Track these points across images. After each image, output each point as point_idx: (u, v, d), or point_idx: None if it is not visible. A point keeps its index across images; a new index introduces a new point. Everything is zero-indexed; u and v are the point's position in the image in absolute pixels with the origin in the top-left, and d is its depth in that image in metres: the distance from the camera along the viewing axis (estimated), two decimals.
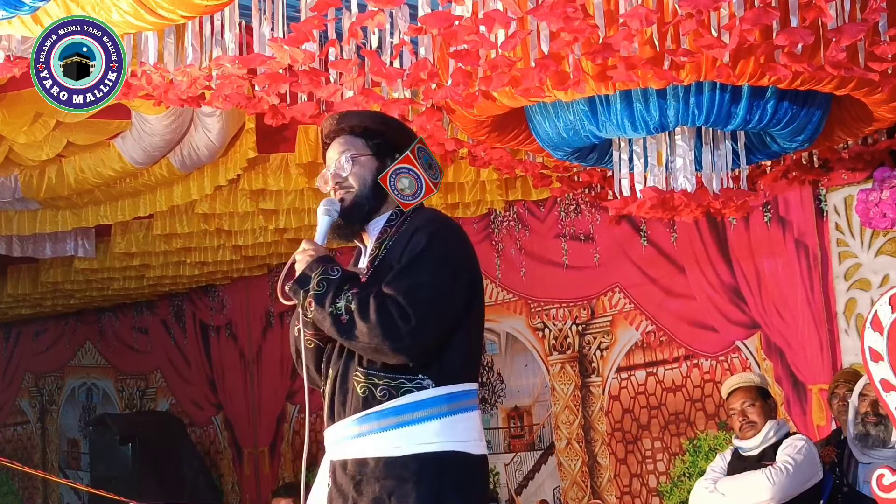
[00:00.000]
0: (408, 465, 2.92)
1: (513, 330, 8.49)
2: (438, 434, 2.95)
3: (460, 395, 3.01)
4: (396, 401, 2.95)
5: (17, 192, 7.46)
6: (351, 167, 3.17)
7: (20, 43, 4.61)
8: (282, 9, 4.57)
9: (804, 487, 5.01)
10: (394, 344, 2.89)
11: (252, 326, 10.52)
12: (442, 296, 2.97)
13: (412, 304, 2.90)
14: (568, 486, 8.15)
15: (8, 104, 6.00)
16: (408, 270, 2.97)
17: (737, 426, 5.27)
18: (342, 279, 2.99)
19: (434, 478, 2.93)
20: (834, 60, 4.37)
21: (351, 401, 3.01)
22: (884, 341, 4.07)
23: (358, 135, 3.21)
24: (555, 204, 8.17)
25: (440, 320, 2.96)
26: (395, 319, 2.88)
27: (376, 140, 3.20)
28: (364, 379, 2.98)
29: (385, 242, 3.12)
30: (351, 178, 3.18)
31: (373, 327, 2.88)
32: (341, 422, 3.03)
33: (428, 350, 2.96)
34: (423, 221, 3.10)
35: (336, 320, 2.93)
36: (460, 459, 2.98)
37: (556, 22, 4.15)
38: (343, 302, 2.93)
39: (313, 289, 2.99)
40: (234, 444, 10.76)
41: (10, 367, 12.91)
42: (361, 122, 3.22)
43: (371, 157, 3.19)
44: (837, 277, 6.81)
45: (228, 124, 6.54)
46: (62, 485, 11.66)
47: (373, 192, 3.17)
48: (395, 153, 3.20)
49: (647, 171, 5.34)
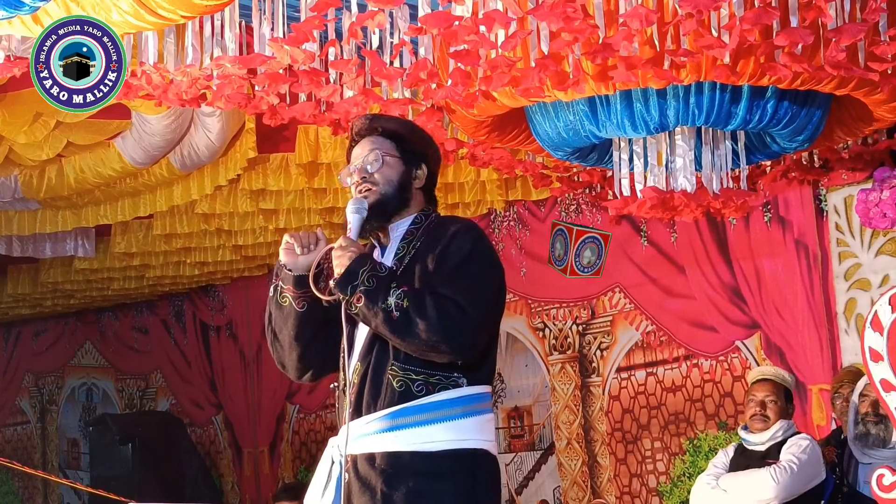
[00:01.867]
0: (443, 461, 2.97)
1: (513, 330, 8.49)
2: (470, 431, 3.02)
3: (486, 397, 3.09)
4: (433, 397, 2.99)
5: (17, 192, 7.45)
6: (379, 166, 3.19)
7: (20, 43, 4.61)
8: (282, 9, 4.57)
9: (807, 487, 5.00)
10: (453, 342, 2.94)
11: (252, 326, 10.52)
12: (494, 300, 3.05)
13: (471, 304, 2.95)
14: (568, 486, 8.15)
15: (8, 104, 6.00)
16: (460, 272, 3.01)
17: (749, 413, 5.21)
18: (391, 276, 3.01)
19: (468, 474, 2.99)
20: (834, 60, 4.37)
21: (385, 394, 3.01)
22: (884, 341, 4.08)
23: (388, 137, 3.24)
24: (555, 204, 8.17)
25: (493, 323, 3.06)
26: (455, 318, 2.92)
27: (406, 146, 3.24)
28: (401, 373, 3.00)
29: (413, 243, 3.14)
30: (377, 175, 3.19)
31: (432, 325, 2.91)
32: (371, 415, 3.02)
33: (477, 352, 3.02)
34: (459, 227, 3.13)
35: (388, 316, 2.94)
36: (488, 457, 3.07)
37: (556, 22, 4.15)
38: (393, 299, 2.94)
39: (363, 284, 2.98)
40: (234, 444, 10.76)
41: (10, 367, 12.91)
42: (394, 127, 3.27)
43: (399, 160, 3.21)
44: (837, 277, 6.81)
45: (228, 124, 6.54)
46: (62, 485, 11.66)
47: (398, 194, 3.19)
48: (421, 163, 3.24)
49: (647, 171, 5.34)
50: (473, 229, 3.14)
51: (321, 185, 7.20)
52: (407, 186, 3.21)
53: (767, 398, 5.19)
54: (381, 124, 3.26)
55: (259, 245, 8.84)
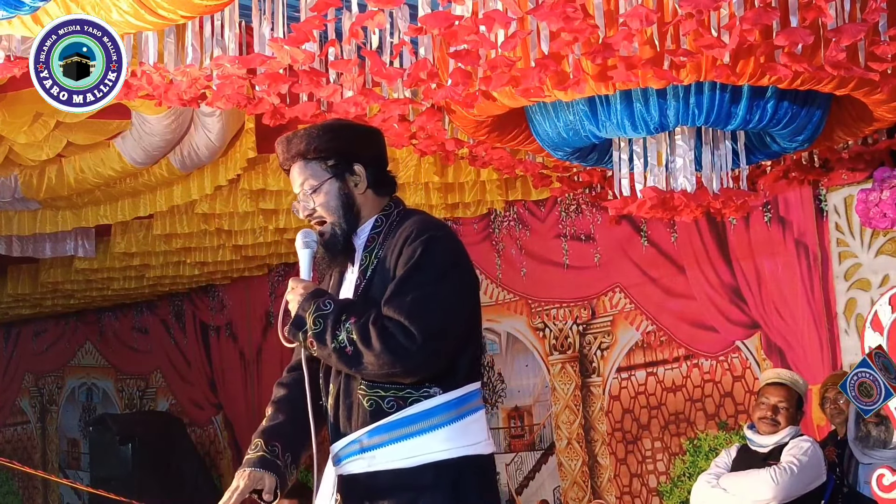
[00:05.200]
0: (423, 475, 2.88)
1: (513, 330, 8.49)
2: (450, 440, 2.91)
3: (467, 398, 2.97)
4: (405, 411, 2.89)
5: (17, 192, 7.45)
6: (315, 199, 3.04)
7: (20, 43, 4.61)
8: (282, 9, 4.57)
9: (807, 489, 4.99)
10: (405, 366, 2.83)
11: (252, 326, 10.52)
12: (449, 306, 2.89)
13: (415, 320, 2.81)
14: (568, 486, 8.16)
15: (8, 104, 5.99)
16: (407, 284, 2.88)
17: (759, 415, 5.17)
18: (338, 311, 2.90)
19: (451, 485, 2.89)
20: (834, 60, 4.37)
21: (357, 415, 2.94)
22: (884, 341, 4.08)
23: (311, 160, 3.05)
24: (555, 204, 8.17)
25: (451, 332, 2.89)
26: (399, 341, 2.81)
27: (330, 160, 3.04)
28: (370, 392, 2.92)
29: (375, 251, 3.02)
30: (320, 210, 3.05)
31: (379, 354, 2.81)
32: (347, 437, 2.96)
33: (442, 362, 2.90)
34: (414, 227, 2.98)
35: (341, 354, 2.86)
36: (474, 462, 2.95)
37: (556, 22, 4.15)
38: (343, 334, 2.85)
39: (311, 329, 2.90)
40: (234, 444, 10.76)
41: (10, 367, 12.92)
42: (310, 145, 3.04)
43: (331, 179, 3.04)
44: (837, 277, 6.82)
45: (228, 124, 6.54)
46: (62, 485, 11.66)
47: (344, 216, 3.04)
48: (353, 165, 3.05)
49: (647, 171, 5.34)
50: (426, 228, 2.97)
51: None
52: (349, 201, 3.05)
53: (780, 404, 5.13)
54: (297, 149, 3.05)
55: (259, 245, 8.84)
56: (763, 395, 5.20)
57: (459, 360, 2.95)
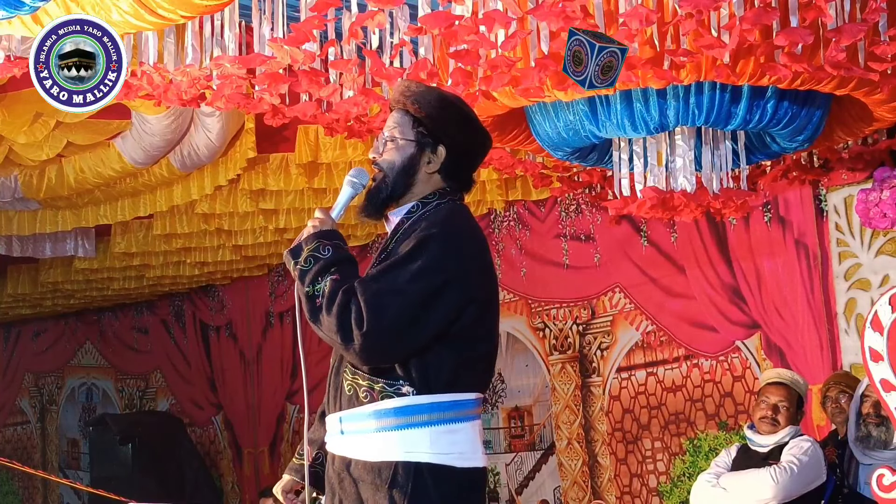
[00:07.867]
0: (381, 472, 2.83)
1: (513, 330, 8.49)
2: (417, 444, 2.83)
3: (449, 406, 2.86)
4: (377, 405, 2.85)
5: (17, 192, 7.46)
6: (387, 148, 3.01)
7: (20, 43, 4.61)
8: (282, 9, 4.57)
9: (807, 489, 4.99)
10: (344, 345, 2.78)
11: (252, 326, 10.52)
12: (412, 310, 2.78)
13: (371, 310, 2.75)
14: (568, 486, 8.16)
15: (8, 104, 6.00)
16: (386, 274, 2.83)
17: (759, 415, 5.16)
18: (330, 261, 2.86)
19: (403, 488, 2.81)
20: (834, 60, 4.37)
21: (339, 396, 2.95)
22: (884, 341, 4.07)
23: (410, 116, 3.01)
24: (555, 204, 8.18)
25: (405, 334, 2.78)
26: (350, 321, 2.76)
27: (423, 128, 3.00)
28: (350, 377, 2.90)
29: (398, 236, 2.96)
30: (384, 158, 3.01)
31: (331, 322, 2.77)
32: (333, 415, 2.98)
33: (389, 360, 2.83)
34: (431, 221, 2.91)
35: (310, 301, 2.83)
36: (438, 472, 2.84)
37: (556, 22, 4.15)
38: (322, 285, 2.82)
39: (300, 263, 2.88)
40: (233, 444, 10.76)
41: (10, 367, 12.92)
42: (421, 107, 3.00)
43: (411, 142, 3.00)
44: (837, 277, 6.81)
45: (228, 124, 6.54)
46: (62, 485, 11.66)
47: (396, 180, 2.99)
48: (438, 145, 2.99)
49: (647, 171, 5.34)
50: (440, 226, 2.89)
51: (321, 185, 7.20)
52: (411, 171, 2.99)
53: (781, 403, 5.13)
54: (410, 101, 3.01)
55: (259, 245, 8.84)
56: (763, 394, 5.20)
57: (435, 364, 2.84)
